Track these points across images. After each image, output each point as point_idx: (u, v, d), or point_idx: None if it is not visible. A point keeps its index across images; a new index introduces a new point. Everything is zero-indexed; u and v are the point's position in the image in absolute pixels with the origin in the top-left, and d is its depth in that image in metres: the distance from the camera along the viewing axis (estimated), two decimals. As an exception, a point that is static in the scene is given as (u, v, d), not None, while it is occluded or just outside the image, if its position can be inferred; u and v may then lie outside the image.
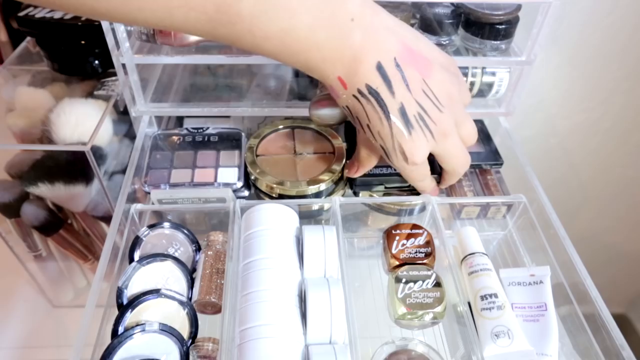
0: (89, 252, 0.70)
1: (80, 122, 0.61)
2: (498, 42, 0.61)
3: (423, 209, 0.61)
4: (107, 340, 0.46)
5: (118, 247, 0.54)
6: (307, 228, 0.51)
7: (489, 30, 0.60)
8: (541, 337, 0.48)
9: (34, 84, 0.70)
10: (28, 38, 0.77)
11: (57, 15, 0.67)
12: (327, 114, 0.54)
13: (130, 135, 0.69)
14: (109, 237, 0.53)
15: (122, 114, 0.67)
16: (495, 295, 0.50)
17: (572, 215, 1.18)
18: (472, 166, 0.65)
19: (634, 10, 0.82)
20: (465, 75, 0.65)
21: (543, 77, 0.91)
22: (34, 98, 0.66)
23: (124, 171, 0.61)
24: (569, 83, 0.93)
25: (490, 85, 0.66)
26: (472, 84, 0.65)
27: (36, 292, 0.62)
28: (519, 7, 0.60)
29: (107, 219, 0.63)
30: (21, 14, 0.67)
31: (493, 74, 0.65)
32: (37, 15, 0.67)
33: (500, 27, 0.60)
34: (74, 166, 0.61)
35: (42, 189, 0.62)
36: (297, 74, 0.70)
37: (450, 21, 0.60)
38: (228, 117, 0.73)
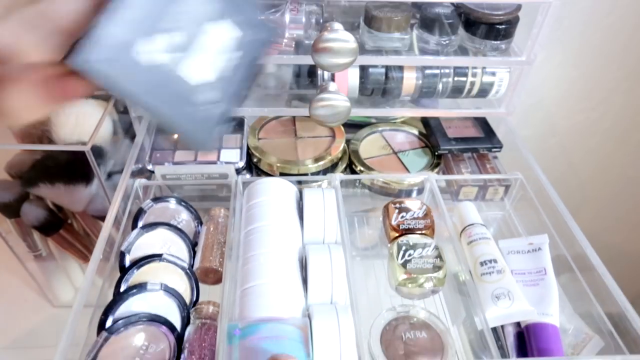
0: (89, 252, 0.69)
1: (80, 122, 0.61)
2: (498, 42, 0.61)
3: (421, 191, 0.64)
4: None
5: (114, 241, 0.54)
6: (308, 190, 0.53)
7: (489, 30, 0.60)
8: (542, 299, 0.49)
9: (34, 84, 0.70)
10: (28, 38, 0.77)
11: (57, 15, 0.67)
12: None
13: (130, 135, 0.69)
14: (110, 213, 0.54)
15: (122, 114, 0.67)
16: (495, 261, 0.51)
17: (572, 215, 1.18)
18: (471, 150, 0.68)
19: (634, 10, 0.82)
20: (466, 75, 0.65)
21: (543, 77, 0.91)
22: (34, 98, 0.66)
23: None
24: (569, 83, 0.92)
25: (490, 85, 0.66)
26: (472, 84, 0.65)
27: (36, 292, 0.62)
28: (519, 7, 0.60)
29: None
30: (21, 13, 0.67)
31: (493, 73, 0.65)
32: (37, 15, 0.67)
33: (500, 27, 0.60)
34: (74, 166, 0.61)
35: (42, 189, 0.62)
36: (297, 74, 0.70)
37: (450, 21, 0.60)
38: (228, 117, 0.73)
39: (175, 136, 0.66)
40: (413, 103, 0.69)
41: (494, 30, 0.60)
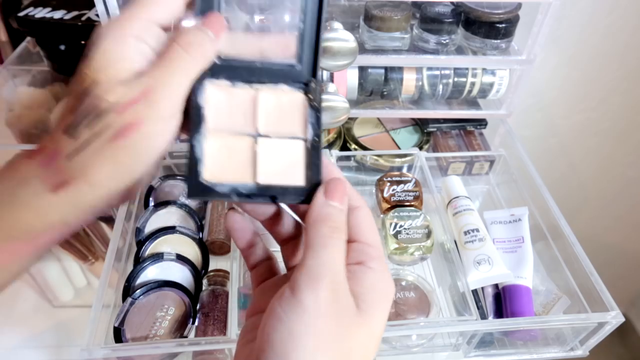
0: (89, 252, 0.69)
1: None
2: (498, 41, 0.61)
3: (411, 167, 0.68)
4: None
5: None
6: None
7: (489, 29, 0.60)
8: (518, 264, 0.55)
9: (34, 84, 0.70)
10: (28, 38, 0.77)
11: (57, 15, 0.67)
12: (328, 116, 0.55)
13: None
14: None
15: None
16: (477, 230, 0.56)
17: (572, 215, 1.18)
18: (457, 128, 0.74)
19: (634, 10, 0.82)
20: (466, 75, 0.65)
21: (543, 77, 0.91)
22: (34, 98, 0.66)
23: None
24: (569, 83, 0.93)
25: (491, 85, 0.66)
26: (472, 84, 0.65)
27: (36, 292, 0.62)
28: (519, 6, 0.60)
29: (107, 219, 0.63)
30: (21, 14, 0.67)
31: (493, 73, 0.65)
32: (37, 15, 0.67)
33: (500, 25, 0.60)
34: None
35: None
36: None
37: (450, 20, 0.60)
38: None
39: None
40: (413, 104, 0.69)
41: (494, 29, 0.60)
